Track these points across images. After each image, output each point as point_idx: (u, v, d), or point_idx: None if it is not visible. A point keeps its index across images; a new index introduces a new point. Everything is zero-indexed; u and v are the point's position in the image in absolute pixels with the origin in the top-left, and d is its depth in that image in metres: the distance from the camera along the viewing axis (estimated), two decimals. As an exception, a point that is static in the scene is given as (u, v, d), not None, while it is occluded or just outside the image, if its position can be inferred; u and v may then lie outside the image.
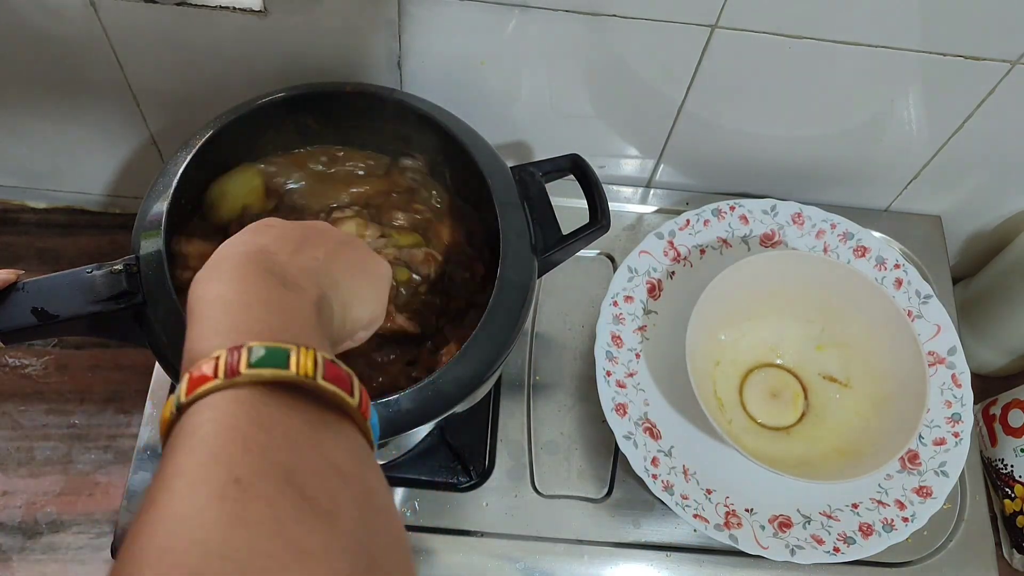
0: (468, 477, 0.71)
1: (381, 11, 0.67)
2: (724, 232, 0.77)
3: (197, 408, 0.31)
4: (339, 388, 0.32)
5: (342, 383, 0.33)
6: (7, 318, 0.51)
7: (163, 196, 0.57)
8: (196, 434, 0.30)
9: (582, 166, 0.65)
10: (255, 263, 0.38)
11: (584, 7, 0.66)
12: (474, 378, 0.56)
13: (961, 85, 0.71)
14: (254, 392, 0.31)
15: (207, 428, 0.30)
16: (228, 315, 0.35)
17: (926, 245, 0.85)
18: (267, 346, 0.32)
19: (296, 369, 0.31)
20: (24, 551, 0.79)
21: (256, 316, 0.35)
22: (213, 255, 0.40)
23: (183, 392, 0.31)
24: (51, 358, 0.87)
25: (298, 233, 0.43)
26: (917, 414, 0.65)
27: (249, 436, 0.29)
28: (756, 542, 0.65)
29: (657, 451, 0.68)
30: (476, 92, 0.75)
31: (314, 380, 0.32)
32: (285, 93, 0.63)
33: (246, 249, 0.40)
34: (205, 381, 0.31)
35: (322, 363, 0.32)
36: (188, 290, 0.38)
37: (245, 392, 0.31)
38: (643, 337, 0.73)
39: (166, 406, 0.32)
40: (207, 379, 0.31)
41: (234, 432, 0.29)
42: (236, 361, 0.31)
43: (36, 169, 0.89)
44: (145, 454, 0.69)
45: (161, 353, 0.54)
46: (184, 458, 0.29)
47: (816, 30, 0.67)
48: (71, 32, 0.69)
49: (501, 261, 0.58)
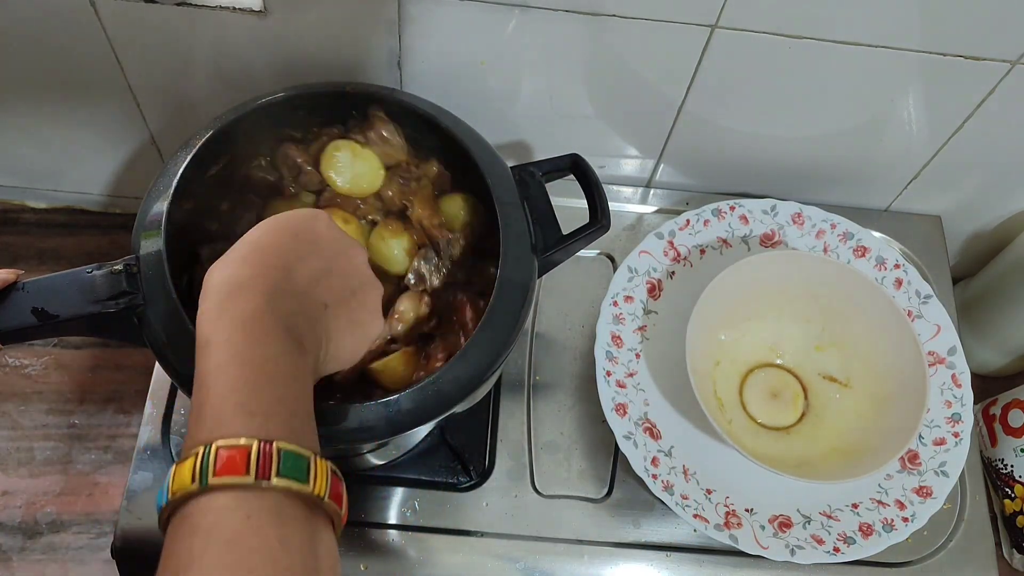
0: (468, 477, 0.71)
1: (381, 11, 0.67)
2: (724, 232, 0.77)
3: (223, 500, 0.35)
4: (337, 506, 0.38)
5: (339, 499, 0.38)
6: (7, 318, 0.51)
7: (163, 196, 0.57)
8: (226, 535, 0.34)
9: (582, 166, 0.65)
10: (274, 315, 0.41)
11: (584, 7, 0.66)
12: (474, 378, 0.56)
13: (961, 85, 0.71)
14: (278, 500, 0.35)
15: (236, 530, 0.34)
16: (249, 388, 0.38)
17: (926, 245, 0.85)
18: (291, 451, 0.36)
19: (313, 487, 0.36)
20: (24, 551, 0.79)
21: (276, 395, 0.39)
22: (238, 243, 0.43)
23: (211, 468, 0.35)
24: (51, 358, 0.87)
25: (323, 265, 0.46)
26: (917, 414, 0.65)
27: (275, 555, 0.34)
28: (756, 542, 0.65)
29: (657, 451, 0.68)
30: (476, 92, 0.75)
31: (323, 500, 0.37)
32: (285, 93, 0.63)
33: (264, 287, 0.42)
34: (236, 471, 0.35)
35: (329, 480, 0.37)
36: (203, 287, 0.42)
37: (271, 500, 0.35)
38: (643, 337, 0.73)
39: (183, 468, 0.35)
40: (239, 471, 0.35)
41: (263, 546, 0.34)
42: (267, 463, 0.35)
43: (36, 169, 0.89)
44: (145, 454, 0.69)
45: (161, 353, 0.54)
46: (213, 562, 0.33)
47: (816, 30, 0.67)
48: (71, 32, 0.69)
49: (501, 261, 0.58)
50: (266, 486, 0.35)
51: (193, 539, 0.34)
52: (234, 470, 0.35)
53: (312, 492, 0.36)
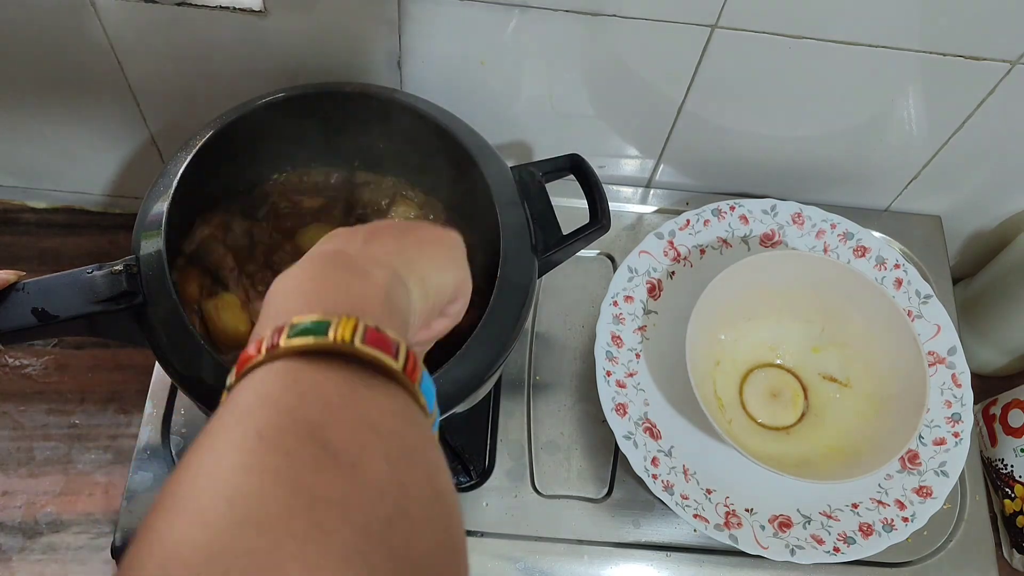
0: (468, 477, 0.71)
1: (381, 11, 0.67)
2: (724, 232, 0.77)
3: (240, 384, 0.31)
4: (380, 351, 0.32)
5: (384, 347, 0.32)
6: (7, 318, 0.51)
7: (163, 196, 0.57)
8: (231, 403, 0.30)
9: (582, 166, 0.65)
10: (323, 257, 0.39)
11: (584, 7, 0.66)
12: (474, 378, 0.56)
13: (961, 85, 0.71)
14: (292, 362, 0.31)
15: (241, 396, 0.30)
16: (286, 301, 0.35)
17: (926, 245, 0.85)
18: (310, 320, 0.32)
19: (334, 336, 0.31)
20: (24, 551, 0.79)
21: (311, 299, 0.35)
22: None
23: (232, 374, 0.32)
24: (51, 358, 0.87)
25: (364, 230, 0.43)
26: (917, 414, 0.65)
27: (280, 399, 0.30)
28: (756, 542, 0.65)
29: (657, 451, 0.68)
30: (476, 92, 0.75)
31: (351, 345, 0.31)
32: (285, 93, 0.63)
33: (317, 251, 0.40)
34: (249, 360, 0.32)
35: (362, 329, 0.32)
36: None
37: (282, 363, 0.31)
38: (643, 337, 0.73)
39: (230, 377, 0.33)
40: (251, 357, 0.32)
41: (266, 397, 0.30)
42: (277, 337, 0.31)
43: (36, 169, 0.89)
44: (145, 454, 0.69)
45: (161, 353, 0.54)
46: (216, 422, 0.29)
47: (816, 30, 0.67)
48: (71, 32, 0.69)
49: (501, 261, 0.58)
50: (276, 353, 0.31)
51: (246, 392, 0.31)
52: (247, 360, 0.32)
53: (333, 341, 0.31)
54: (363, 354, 0.32)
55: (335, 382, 0.31)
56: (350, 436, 0.29)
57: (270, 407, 0.29)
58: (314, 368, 0.31)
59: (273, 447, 0.27)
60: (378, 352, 0.32)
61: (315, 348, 0.31)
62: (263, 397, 0.30)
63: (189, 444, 0.72)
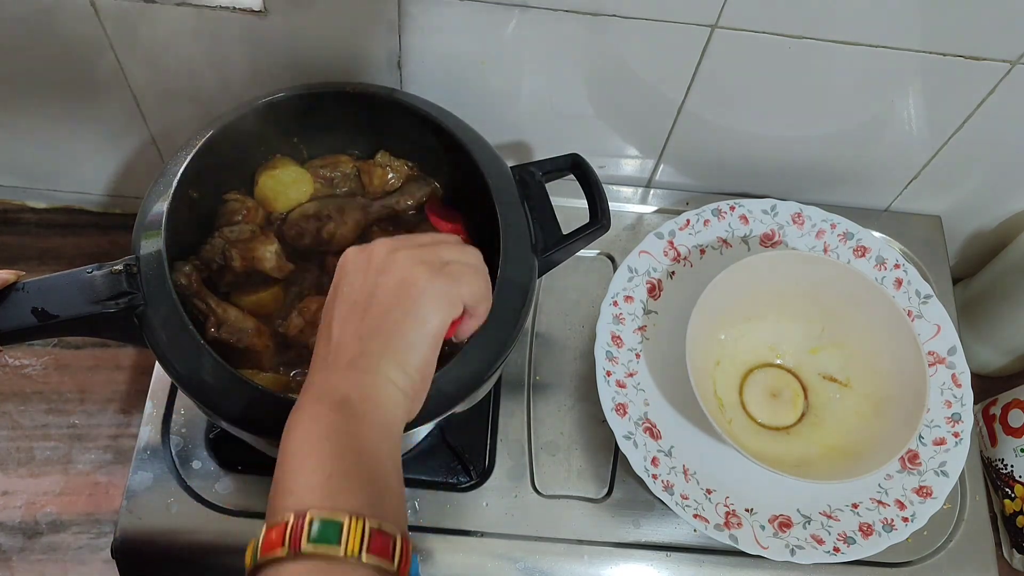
0: (468, 477, 0.71)
1: (381, 11, 0.67)
2: (724, 232, 0.77)
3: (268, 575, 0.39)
4: (382, 560, 0.39)
5: (385, 553, 0.39)
6: (7, 318, 0.51)
7: (163, 196, 0.57)
8: None
9: (582, 166, 0.65)
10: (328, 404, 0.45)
11: (584, 7, 0.66)
12: (474, 378, 0.56)
13: (961, 85, 0.71)
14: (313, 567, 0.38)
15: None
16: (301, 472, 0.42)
17: (926, 245, 0.85)
18: (323, 519, 0.39)
19: (345, 549, 0.38)
20: (24, 551, 0.79)
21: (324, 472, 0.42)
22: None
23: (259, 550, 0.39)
24: (51, 358, 0.87)
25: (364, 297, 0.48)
26: (917, 414, 0.65)
27: None
28: (756, 542, 0.65)
29: (657, 451, 0.68)
30: (476, 92, 0.75)
31: (359, 560, 0.39)
32: (285, 93, 0.63)
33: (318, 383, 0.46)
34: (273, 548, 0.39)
35: (368, 536, 0.39)
36: None
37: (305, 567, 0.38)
38: (643, 337, 0.73)
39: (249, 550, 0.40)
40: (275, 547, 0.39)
41: None
42: (299, 534, 0.38)
43: (36, 169, 0.89)
44: (145, 454, 0.69)
45: (161, 353, 0.54)
46: None
47: (816, 30, 0.67)
48: (71, 32, 0.69)
49: (501, 261, 0.58)
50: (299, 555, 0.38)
51: None
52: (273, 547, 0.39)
53: (344, 555, 0.38)
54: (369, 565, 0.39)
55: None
56: None
57: None
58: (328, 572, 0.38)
59: None
60: (381, 562, 0.39)
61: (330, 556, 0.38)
62: None
63: (189, 444, 0.72)
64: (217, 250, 0.61)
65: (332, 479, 0.41)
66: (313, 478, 0.41)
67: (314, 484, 0.41)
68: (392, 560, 0.40)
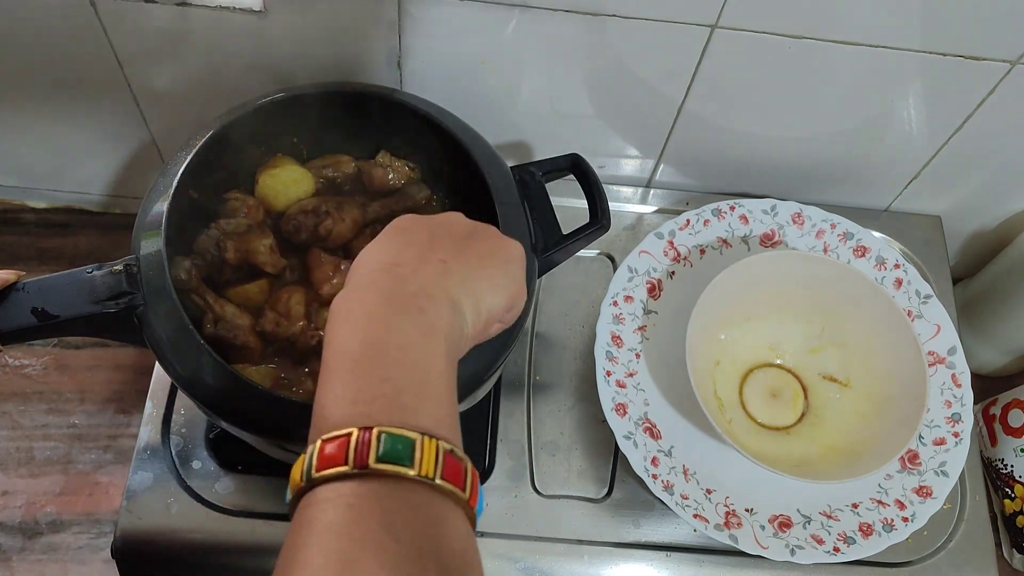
0: (468, 477, 0.71)
1: (381, 11, 0.67)
2: (724, 232, 0.77)
3: (326, 493, 0.34)
4: (455, 486, 0.35)
5: (457, 479, 0.35)
6: (7, 318, 0.51)
7: (163, 196, 0.57)
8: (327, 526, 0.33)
9: (582, 166, 0.65)
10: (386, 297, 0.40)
11: (584, 7, 0.66)
12: (474, 378, 0.56)
13: (961, 85, 0.71)
14: (381, 486, 0.34)
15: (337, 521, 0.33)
16: (355, 376, 0.37)
17: (926, 245, 0.85)
18: (393, 434, 0.35)
19: (419, 469, 0.34)
20: (24, 551, 0.79)
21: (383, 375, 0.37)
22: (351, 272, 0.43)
23: (314, 464, 0.34)
24: (51, 358, 0.87)
25: (424, 236, 0.45)
26: (917, 414, 0.65)
27: (380, 543, 0.32)
28: (756, 542, 0.65)
29: (657, 451, 0.68)
30: (476, 92, 0.75)
31: (433, 481, 0.35)
32: (285, 93, 0.63)
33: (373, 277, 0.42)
34: (335, 463, 0.34)
35: (442, 459, 0.35)
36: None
37: (373, 486, 0.34)
38: (643, 337, 0.73)
39: (296, 466, 0.35)
40: (337, 461, 0.34)
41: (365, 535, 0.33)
42: (365, 450, 0.34)
43: (36, 169, 0.89)
44: (145, 454, 0.69)
45: (161, 353, 0.54)
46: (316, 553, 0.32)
47: (816, 30, 0.67)
48: (71, 32, 0.69)
49: (501, 261, 0.58)
50: (366, 473, 0.34)
51: (299, 533, 0.33)
52: (334, 462, 0.34)
53: (417, 474, 0.34)
54: (442, 490, 0.35)
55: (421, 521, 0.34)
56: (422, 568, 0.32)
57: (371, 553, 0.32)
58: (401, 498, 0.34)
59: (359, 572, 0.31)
60: (454, 488, 0.35)
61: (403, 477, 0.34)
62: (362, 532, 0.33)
63: (189, 444, 0.72)
64: (212, 241, 0.61)
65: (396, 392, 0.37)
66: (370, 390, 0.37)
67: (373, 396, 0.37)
68: (464, 488, 0.36)
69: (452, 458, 0.36)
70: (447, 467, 0.35)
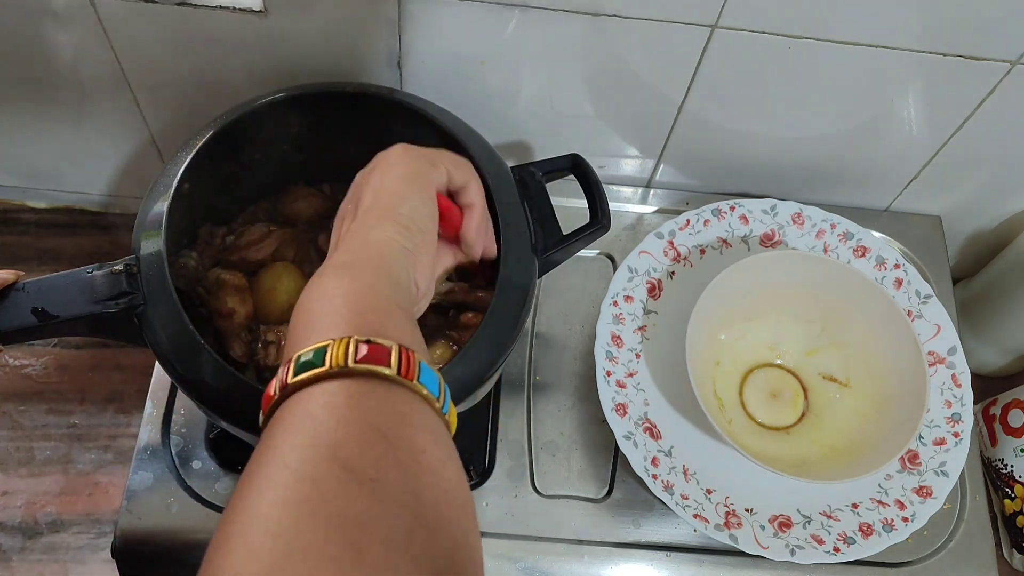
0: (468, 477, 0.71)
1: (381, 11, 0.67)
2: (724, 232, 0.77)
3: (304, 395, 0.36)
4: (372, 364, 0.36)
5: (377, 358, 0.37)
6: (7, 318, 0.51)
7: (163, 196, 0.57)
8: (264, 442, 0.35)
9: (582, 166, 0.65)
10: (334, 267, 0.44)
11: (584, 7, 0.66)
12: (474, 378, 0.56)
13: (961, 85, 0.71)
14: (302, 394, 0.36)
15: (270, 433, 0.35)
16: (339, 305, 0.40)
17: (926, 245, 0.85)
18: (311, 350, 0.37)
19: (329, 363, 0.36)
20: (24, 551, 0.79)
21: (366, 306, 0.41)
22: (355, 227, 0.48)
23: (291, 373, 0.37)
24: (51, 358, 0.87)
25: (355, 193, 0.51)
26: (917, 414, 0.65)
27: (298, 429, 0.34)
28: (756, 542, 0.65)
29: (657, 451, 0.68)
30: (476, 92, 0.75)
31: (346, 367, 0.36)
32: (285, 93, 0.63)
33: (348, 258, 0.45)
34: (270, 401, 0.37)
35: (353, 348, 0.36)
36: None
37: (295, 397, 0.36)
38: (643, 337, 0.73)
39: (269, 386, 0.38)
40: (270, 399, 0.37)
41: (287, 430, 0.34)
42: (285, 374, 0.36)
43: (36, 169, 0.89)
44: (145, 454, 0.69)
45: (161, 353, 0.54)
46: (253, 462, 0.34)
47: (816, 30, 0.67)
48: (71, 32, 0.69)
49: (501, 261, 0.58)
50: (343, 371, 0.36)
51: (273, 429, 0.35)
52: (312, 367, 0.36)
53: (326, 368, 0.36)
54: (359, 371, 0.36)
55: (342, 400, 0.35)
56: (363, 451, 0.33)
57: (292, 438, 0.34)
58: (321, 393, 0.36)
59: (301, 477, 0.32)
60: (371, 366, 0.36)
61: (316, 378, 0.36)
62: (286, 431, 0.34)
63: (189, 444, 0.72)
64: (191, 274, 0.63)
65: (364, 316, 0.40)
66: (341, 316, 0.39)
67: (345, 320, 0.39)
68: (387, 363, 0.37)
69: (372, 345, 0.37)
70: (361, 353, 0.37)
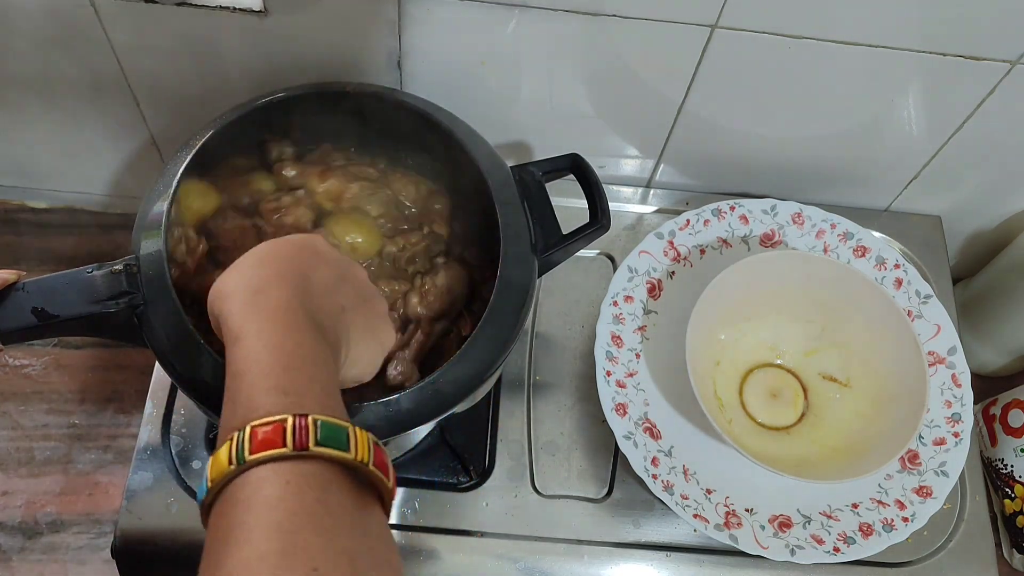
0: (468, 477, 0.71)
1: (381, 11, 0.67)
2: (724, 232, 0.77)
3: (261, 473, 0.35)
4: (383, 474, 0.37)
5: (384, 468, 0.37)
6: (7, 318, 0.51)
7: (163, 196, 0.57)
8: (265, 500, 0.34)
9: (582, 166, 0.65)
10: (302, 308, 0.42)
11: (584, 7, 0.66)
12: (474, 378, 0.56)
13: (961, 85, 0.71)
14: (318, 468, 0.35)
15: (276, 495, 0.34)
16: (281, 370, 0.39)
17: (926, 245, 0.85)
18: (328, 423, 0.36)
19: (355, 453, 0.36)
20: (24, 551, 0.79)
21: (308, 375, 0.39)
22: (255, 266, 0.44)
23: (246, 447, 0.35)
24: (51, 358, 0.87)
25: (335, 273, 0.47)
26: (917, 414, 0.65)
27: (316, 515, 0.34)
28: (756, 542, 0.65)
29: (657, 451, 0.68)
30: (476, 92, 0.75)
31: (367, 466, 0.36)
32: (285, 93, 0.63)
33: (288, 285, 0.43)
34: (273, 446, 0.35)
35: (372, 448, 0.37)
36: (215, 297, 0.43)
37: (310, 467, 0.35)
38: (643, 337, 0.73)
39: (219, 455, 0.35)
40: (275, 445, 0.35)
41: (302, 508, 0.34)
42: (304, 434, 0.35)
43: (36, 169, 0.89)
44: (145, 454, 0.69)
45: (161, 353, 0.54)
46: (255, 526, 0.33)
47: (816, 30, 0.67)
48: (71, 32, 0.69)
49: (501, 261, 0.58)
50: (305, 454, 0.35)
51: (234, 510, 0.34)
52: (271, 445, 0.35)
53: (354, 458, 0.36)
54: (373, 477, 0.37)
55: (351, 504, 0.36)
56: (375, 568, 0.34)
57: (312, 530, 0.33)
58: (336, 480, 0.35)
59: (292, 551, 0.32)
60: (382, 476, 0.37)
61: (340, 461, 0.36)
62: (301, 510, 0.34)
63: (189, 444, 0.72)
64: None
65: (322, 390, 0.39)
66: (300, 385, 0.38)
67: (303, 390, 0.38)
68: (389, 477, 0.38)
69: (379, 450, 0.38)
70: (376, 456, 0.37)
